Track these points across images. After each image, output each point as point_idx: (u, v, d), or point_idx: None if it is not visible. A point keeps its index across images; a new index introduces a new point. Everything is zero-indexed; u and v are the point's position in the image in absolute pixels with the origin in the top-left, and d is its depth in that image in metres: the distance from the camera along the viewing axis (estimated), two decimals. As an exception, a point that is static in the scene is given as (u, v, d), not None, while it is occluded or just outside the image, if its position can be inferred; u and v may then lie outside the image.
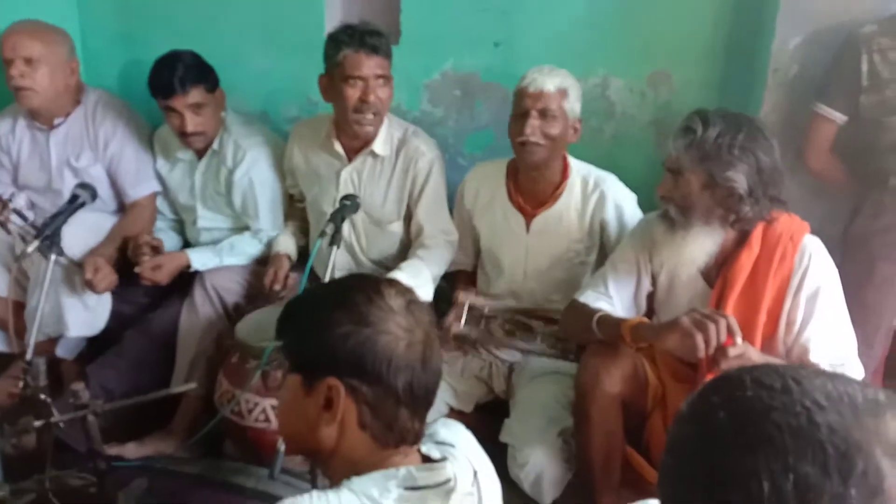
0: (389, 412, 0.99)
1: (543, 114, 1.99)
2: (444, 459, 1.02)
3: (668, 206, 1.73)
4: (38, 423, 1.77)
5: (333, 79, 2.11)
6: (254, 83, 2.78)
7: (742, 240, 1.73)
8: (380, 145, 2.21)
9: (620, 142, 2.48)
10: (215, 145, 2.41)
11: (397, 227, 2.31)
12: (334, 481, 1.00)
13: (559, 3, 2.40)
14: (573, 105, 2.04)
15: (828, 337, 1.68)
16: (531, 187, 2.15)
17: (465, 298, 2.15)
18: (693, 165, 1.66)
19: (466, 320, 2.13)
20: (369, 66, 2.07)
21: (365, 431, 1.00)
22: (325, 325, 0.99)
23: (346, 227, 2.27)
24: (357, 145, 2.23)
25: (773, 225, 1.71)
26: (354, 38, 2.07)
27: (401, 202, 2.27)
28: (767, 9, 2.14)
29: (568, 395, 1.94)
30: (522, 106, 2.01)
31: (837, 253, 1.90)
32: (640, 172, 2.39)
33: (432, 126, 2.64)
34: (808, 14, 2.07)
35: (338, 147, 2.23)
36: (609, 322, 1.77)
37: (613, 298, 1.87)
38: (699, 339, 1.52)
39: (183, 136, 2.33)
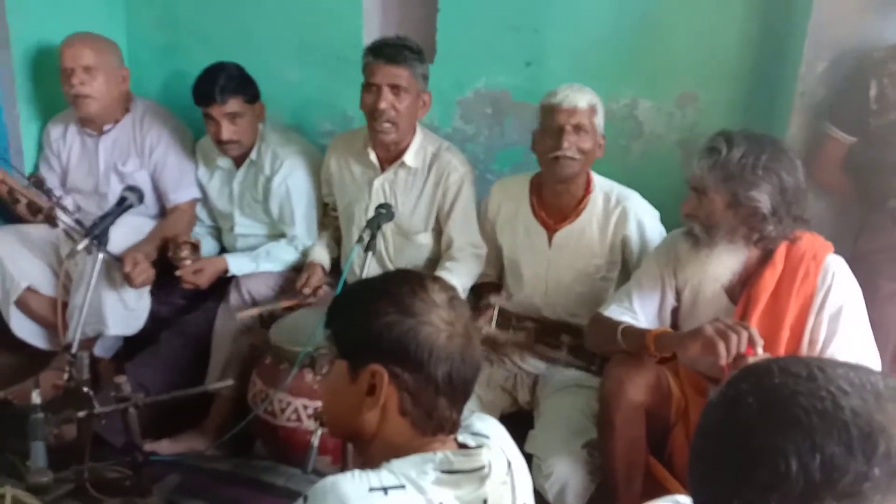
0: (429, 400, 1.05)
1: (577, 129, 2.03)
2: (479, 447, 1.06)
3: (693, 223, 1.77)
4: (80, 414, 1.83)
5: (364, 88, 2.20)
6: (289, 96, 2.87)
7: (766, 258, 1.76)
8: (411, 157, 2.27)
9: (648, 160, 2.53)
10: (253, 155, 2.49)
11: (425, 239, 2.36)
12: (373, 465, 1.03)
13: (588, 24, 2.47)
14: (600, 121, 2.10)
15: (850, 355, 1.70)
16: (555, 201, 2.18)
17: (496, 301, 2.20)
18: (717, 185, 1.69)
19: (497, 323, 2.17)
20: (383, 74, 2.13)
21: (405, 418, 1.05)
22: (371, 313, 1.05)
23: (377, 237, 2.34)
24: (391, 156, 2.29)
25: (796, 244, 1.74)
26: (376, 46, 2.16)
27: (430, 214, 2.32)
28: (794, 34, 2.19)
29: (592, 407, 1.96)
30: (556, 122, 2.05)
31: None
32: (667, 191, 2.42)
33: (463, 142, 2.71)
34: (835, 40, 2.12)
35: (372, 157, 2.29)
36: (633, 333, 1.80)
37: (638, 313, 1.90)
38: (721, 346, 1.55)
39: (218, 143, 2.42)
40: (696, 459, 0.75)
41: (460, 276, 2.24)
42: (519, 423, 2.10)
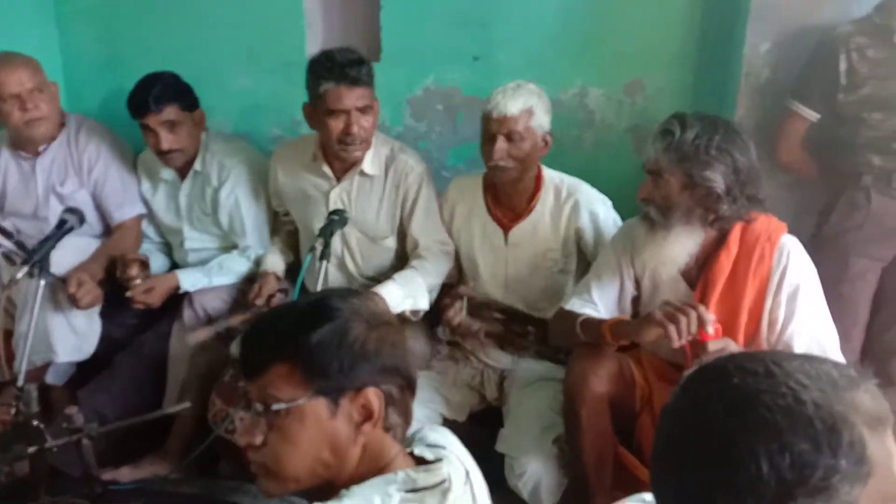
0: (408, 404, 1.02)
1: (510, 137, 2.00)
2: (438, 461, 1.03)
3: (649, 207, 1.77)
4: (31, 450, 1.75)
5: (316, 109, 2.10)
6: (236, 104, 2.82)
7: (721, 241, 1.77)
8: (368, 165, 2.22)
9: (600, 149, 2.54)
10: (198, 165, 2.42)
11: (391, 243, 2.32)
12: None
13: (535, 17, 2.46)
14: (541, 120, 2.04)
15: (809, 334, 1.72)
16: (507, 201, 2.18)
17: (465, 291, 2.18)
18: (672, 166, 1.70)
19: (468, 311, 2.14)
20: (351, 98, 2.05)
21: (389, 433, 1.01)
22: (344, 335, 0.98)
23: (339, 246, 2.29)
24: (346, 166, 2.24)
25: (750, 225, 1.75)
26: (335, 70, 2.03)
27: (393, 217, 2.28)
28: (737, 15, 2.20)
29: (559, 400, 1.95)
30: (489, 130, 2.03)
31: (809, 248, 1.95)
32: (620, 178, 2.43)
33: (416, 140, 2.68)
34: (777, 19, 2.13)
35: (326, 169, 2.24)
36: (591, 324, 1.82)
37: (598, 304, 1.91)
38: (672, 329, 1.56)
39: (159, 154, 2.35)
40: (660, 467, 0.73)
41: (428, 274, 2.21)
42: (488, 421, 2.11)
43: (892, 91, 1.99)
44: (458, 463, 1.05)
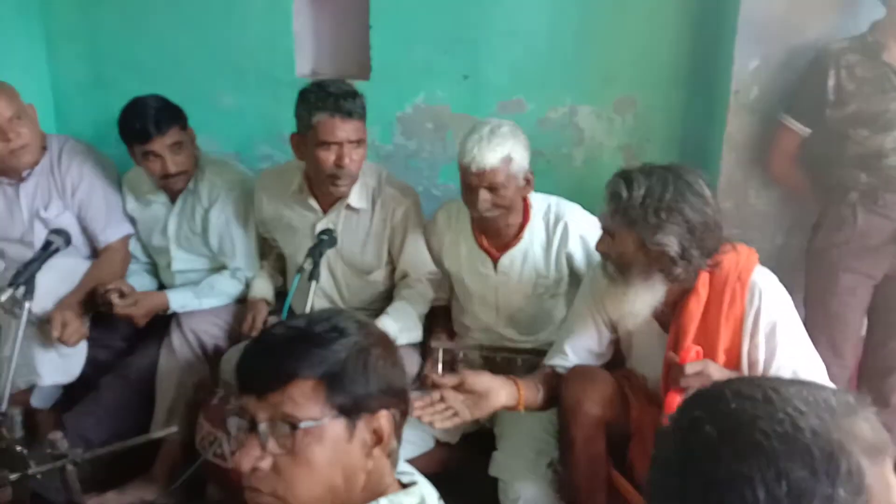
0: (402, 429, 1.00)
1: (491, 188, 1.96)
2: (414, 483, 1.02)
3: (607, 262, 1.73)
4: (13, 476, 1.72)
5: (306, 140, 2.05)
6: (225, 123, 2.80)
7: (688, 287, 1.71)
8: (355, 198, 2.17)
9: (590, 167, 2.54)
10: (190, 185, 2.40)
11: (378, 276, 2.29)
12: None
13: (523, 36, 2.47)
14: (520, 164, 1.98)
15: (794, 367, 1.68)
16: (493, 233, 2.14)
17: (438, 344, 2.15)
18: (622, 230, 1.64)
19: (443, 366, 2.12)
20: (345, 130, 2.00)
21: (390, 458, 0.98)
22: (368, 355, 0.95)
23: (326, 277, 2.25)
24: (331, 199, 2.19)
25: (719, 267, 1.69)
26: (328, 102, 1.99)
27: (380, 251, 2.24)
28: (725, 34, 2.22)
29: (553, 423, 1.93)
30: (469, 183, 1.99)
31: (802, 263, 1.96)
32: (612, 196, 2.44)
33: (406, 158, 2.68)
34: (765, 37, 2.15)
35: (312, 202, 2.20)
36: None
37: (570, 356, 1.90)
38: None
39: (165, 178, 2.31)
40: (655, 491, 0.72)
41: (416, 304, 2.21)
42: (481, 444, 2.09)
43: (877, 108, 2.00)
44: (428, 485, 1.04)
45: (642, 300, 1.68)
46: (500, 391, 1.73)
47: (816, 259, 2.15)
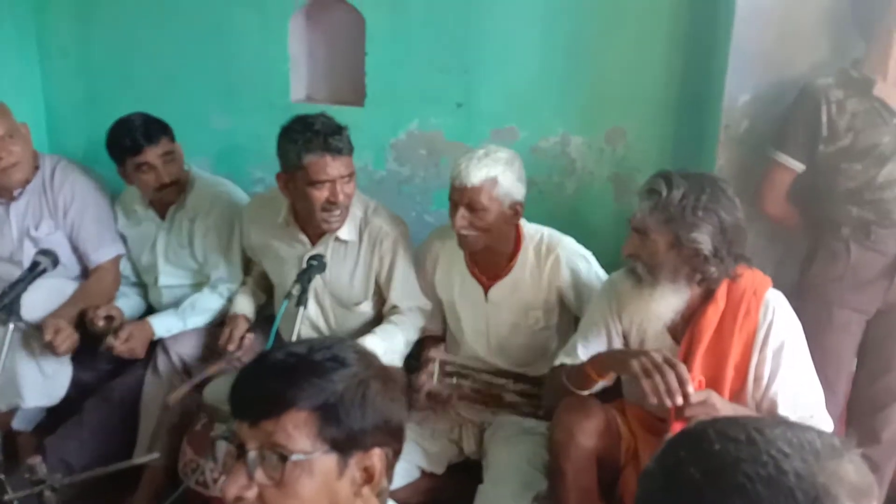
0: (393, 468, 0.97)
1: (471, 207, 1.96)
2: None
3: (636, 263, 1.76)
4: (-9, 502, 1.69)
5: (295, 179, 2.03)
6: (218, 144, 2.82)
7: (708, 296, 1.76)
8: (344, 231, 2.16)
9: (581, 196, 2.54)
10: (180, 198, 2.41)
11: (366, 307, 2.28)
12: None
13: (515, 64, 2.48)
14: (508, 190, 1.97)
15: (795, 390, 1.71)
16: (485, 260, 2.14)
17: (436, 354, 2.14)
18: (658, 227, 1.69)
19: (438, 377, 2.11)
20: (336, 167, 1.99)
21: (378, 498, 0.95)
22: (366, 389, 0.92)
23: (314, 309, 2.24)
24: (321, 231, 2.17)
25: (737, 281, 1.74)
26: (318, 141, 1.97)
27: (368, 283, 2.23)
28: (716, 67, 2.24)
29: (540, 455, 1.92)
30: (452, 197, 2.01)
31: (793, 298, 1.94)
32: (602, 225, 2.45)
33: (399, 184, 2.68)
34: (756, 71, 2.16)
35: (301, 235, 2.19)
36: (574, 369, 1.81)
37: (582, 358, 1.88)
38: (647, 385, 1.55)
39: (160, 189, 2.33)
40: None
41: (406, 329, 2.19)
42: (466, 475, 2.07)
43: (869, 142, 2.01)
44: None
45: (667, 302, 1.73)
46: None
47: (810, 294, 2.14)
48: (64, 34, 2.90)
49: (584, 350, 1.89)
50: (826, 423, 1.72)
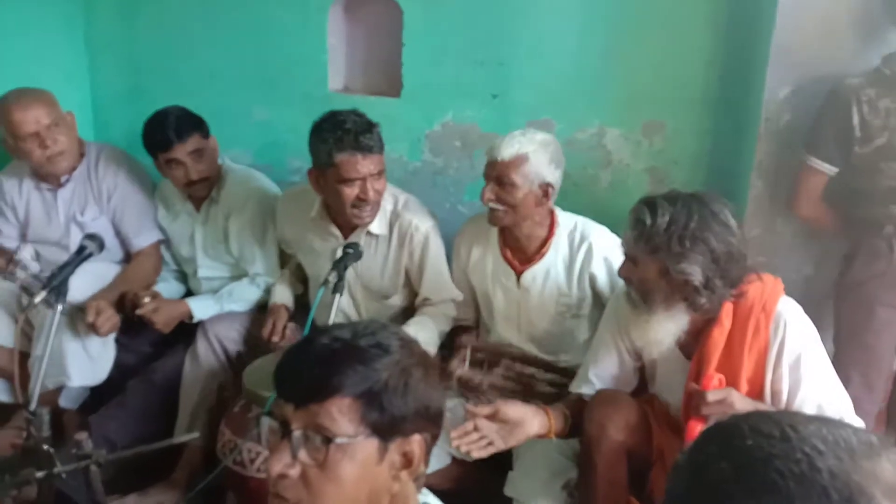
0: (431, 452, 0.98)
1: (500, 181, 1.99)
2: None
3: (630, 288, 1.72)
4: (40, 475, 1.75)
5: (326, 176, 2.06)
6: (257, 136, 2.86)
7: (712, 317, 1.69)
8: (375, 225, 2.19)
9: (616, 189, 2.53)
10: (213, 193, 2.46)
11: (397, 300, 2.31)
12: None
13: (551, 56, 2.48)
14: (538, 170, 1.98)
15: (819, 401, 1.65)
16: (518, 244, 2.15)
17: (468, 341, 2.16)
18: (645, 256, 1.63)
19: (470, 363, 2.13)
20: (366, 165, 2.02)
21: (416, 482, 0.97)
22: (409, 377, 0.94)
23: (346, 300, 2.28)
24: (353, 225, 2.21)
25: (742, 298, 1.67)
26: (347, 140, 1.99)
27: (398, 276, 2.27)
28: (757, 60, 2.21)
29: (570, 445, 1.93)
30: (486, 172, 2.05)
31: (833, 297, 1.92)
32: (638, 219, 2.42)
33: (433, 175, 2.70)
34: (797, 65, 2.13)
35: (333, 229, 2.23)
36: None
37: (595, 384, 1.89)
38: None
39: (189, 185, 2.37)
40: None
41: (439, 321, 2.22)
42: (497, 462, 2.08)
43: None
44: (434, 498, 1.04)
45: (665, 328, 1.67)
46: (532, 420, 1.75)
47: (850, 292, 2.11)
48: (111, 28, 2.98)
49: (595, 372, 1.88)
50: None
